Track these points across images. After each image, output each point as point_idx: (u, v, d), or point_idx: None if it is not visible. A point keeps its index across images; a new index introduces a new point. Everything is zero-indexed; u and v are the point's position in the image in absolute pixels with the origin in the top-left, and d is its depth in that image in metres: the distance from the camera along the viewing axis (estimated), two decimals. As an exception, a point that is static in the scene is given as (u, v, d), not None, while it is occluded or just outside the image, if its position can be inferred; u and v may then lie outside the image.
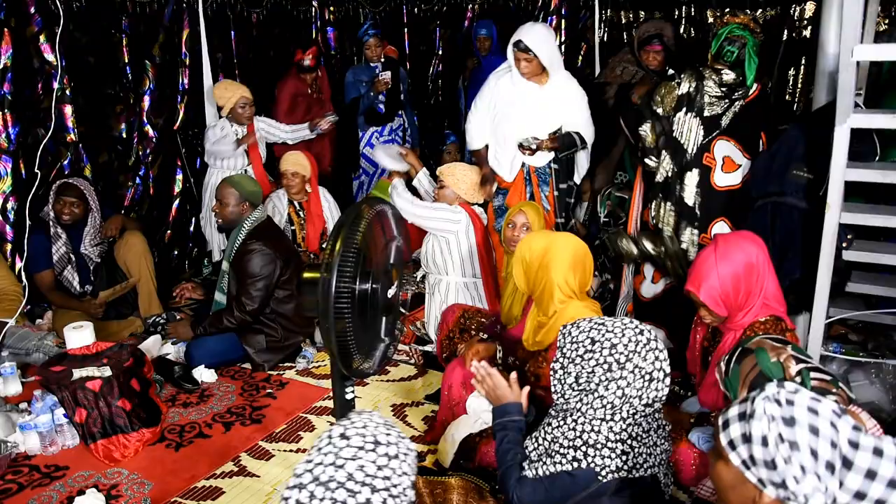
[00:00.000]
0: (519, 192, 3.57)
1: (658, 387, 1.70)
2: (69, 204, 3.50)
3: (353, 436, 1.19)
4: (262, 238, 3.24)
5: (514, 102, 3.45)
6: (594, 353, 1.72)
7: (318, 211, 4.10)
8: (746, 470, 1.13)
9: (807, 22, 4.35)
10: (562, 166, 3.57)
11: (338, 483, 1.13)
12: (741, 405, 1.16)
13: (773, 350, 1.76)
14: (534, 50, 3.28)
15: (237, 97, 4.12)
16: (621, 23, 5.05)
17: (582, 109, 3.50)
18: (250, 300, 3.20)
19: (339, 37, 5.90)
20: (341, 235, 1.93)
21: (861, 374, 2.57)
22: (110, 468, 2.52)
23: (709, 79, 2.77)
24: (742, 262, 2.11)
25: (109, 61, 4.23)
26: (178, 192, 4.64)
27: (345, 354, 1.99)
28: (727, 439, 1.15)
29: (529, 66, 3.33)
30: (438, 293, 3.46)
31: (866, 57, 2.33)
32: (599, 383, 1.70)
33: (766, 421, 1.10)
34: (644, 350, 1.69)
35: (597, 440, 1.69)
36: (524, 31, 3.32)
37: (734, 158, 2.81)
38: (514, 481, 1.80)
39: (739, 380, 1.77)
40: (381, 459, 1.18)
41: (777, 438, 1.08)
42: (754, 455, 1.11)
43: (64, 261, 3.61)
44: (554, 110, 3.45)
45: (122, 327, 3.62)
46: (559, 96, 3.44)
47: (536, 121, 3.44)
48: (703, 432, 2.12)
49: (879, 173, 2.35)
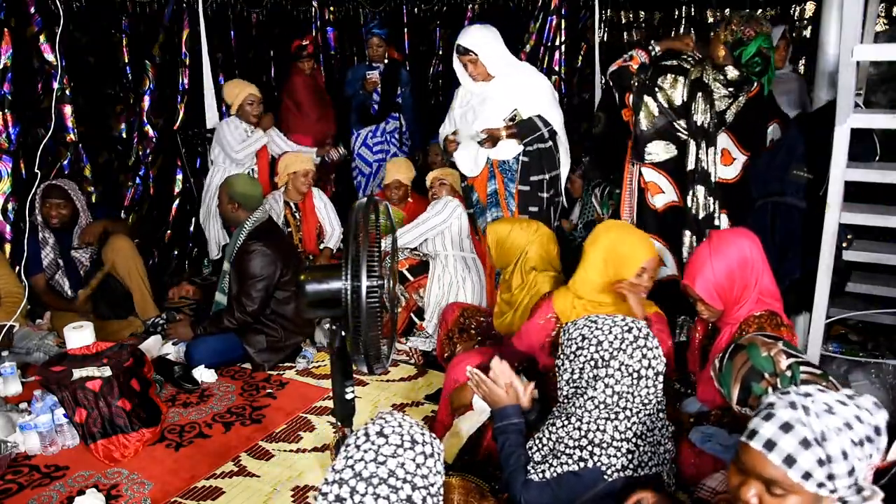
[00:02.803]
0: (483, 189, 3.43)
1: (647, 384, 1.69)
2: (56, 206, 3.48)
3: (391, 434, 1.22)
4: (262, 239, 3.24)
5: (466, 104, 3.39)
6: (583, 349, 1.73)
7: (313, 212, 4.11)
8: (821, 489, 1.14)
9: (807, 22, 4.36)
10: (533, 159, 3.34)
11: (380, 479, 1.15)
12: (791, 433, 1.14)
13: (764, 345, 1.80)
14: (473, 50, 3.19)
15: (245, 94, 4.15)
16: (621, 23, 5.05)
17: (540, 93, 3.30)
18: (250, 301, 3.20)
19: (339, 37, 5.90)
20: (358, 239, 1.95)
21: (861, 374, 2.57)
22: (110, 468, 2.51)
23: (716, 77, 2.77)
24: (735, 255, 2.14)
25: (109, 61, 4.23)
26: (178, 192, 4.64)
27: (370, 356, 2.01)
28: (801, 473, 1.13)
29: (476, 67, 3.24)
30: (440, 265, 3.56)
31: (866, 57, 2.34)
32: (588, 381, 1.71)
33: (836, 435, 1.12)
34: (630, 347, 1.69)
35: (602, 439, 1.69)
36: (461, 34, 3.28)
37: (731, 151, 2.83)
38: (521, 485, 1.79)
39: (732, 375, 1.81)
40: (419, 458, 1.20)
41: (852, 446, 1.12)
42: (835, 472, 1.13)
43: (53, 266, 3.59)
44: (503, 97, 3.28)
45: (122, 327, 3.61)
46: (509, 84, 3.28)
47: (487, 113, 3.29)
48: (703, 432, 2.11)
49: (879, 173, 2.35)
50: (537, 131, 3.27)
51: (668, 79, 2.79)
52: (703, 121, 2.73)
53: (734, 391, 1.79)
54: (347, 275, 1.95)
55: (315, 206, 4.15)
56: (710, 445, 2.04)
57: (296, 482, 2.44)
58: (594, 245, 2.45)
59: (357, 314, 1.93)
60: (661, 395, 1.80)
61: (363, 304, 1.90)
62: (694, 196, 2.79)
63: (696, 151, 2.76)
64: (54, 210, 3.48)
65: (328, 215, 4.20)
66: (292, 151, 4.37)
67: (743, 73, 2.71)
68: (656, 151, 2.86)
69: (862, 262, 2.55)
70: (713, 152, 2.76)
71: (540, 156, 3.33)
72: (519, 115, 3.27)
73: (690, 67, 2.80)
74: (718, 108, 2.75)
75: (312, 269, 2.39)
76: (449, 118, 3.52)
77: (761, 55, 2.65)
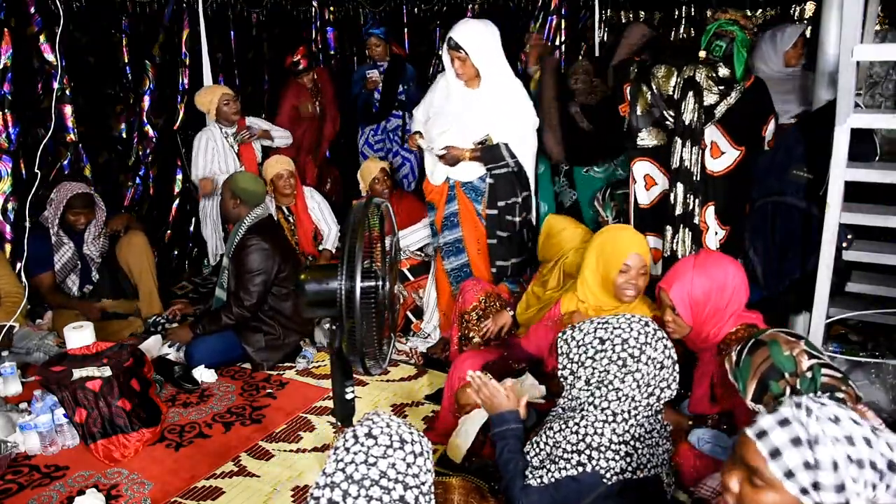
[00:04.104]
0: (441, 208, 3.26)
1: (667, 374, 1.75)
2: (84, 214, 3.57)
3: (380, 435, 1.22)
4: (261, 234, 3.25)
5: (444, 106, 3.14)
6: (605, 351, 1.75)
7: (307, 213, 4.10)
8: (804, 496, 1.09)
9: (807, 22, 4.35)
10: (500, 181, 3.11)
11: (372, 481, 1.16)
12: (786, 429, 1.12)
13: (787, 343, 1.75)
14: (465, 48, 2.94)
15: (218, 96, 4.06)
16: (621, 23, 5.04)
17: (515, 118, 3.06)
18: (248, 295, 3.21)
19: (339, 37, 5.90)
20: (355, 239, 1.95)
21: (861, 374, 2.57)
22: (110, 468, 2.51)
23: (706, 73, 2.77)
24: (719, 277, 2.12)
25: (109, 61, 4.24)
26: (178, 192, 4.64)
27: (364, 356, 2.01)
28: (783, 469, 1.10)
29: (463, 66, 2.99)
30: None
31: (866, 57, 2.33)
32: (614, 380, 1.73)
33: (831, 444, 1.08)
34: (654, 340, 1.75)
35: (600, 443, 1.69)
36: (456, 27, 3.01)
37: (720, 145, 2.83)
38: (520, 491, 1.79)
39: (750, 371, 1.75)
40: (409, 457, 1.21)
41: (846, 460, 1.07)
42: (821, 481, 1.08)
43: (68, 267, 3.63)
44: (481, 117, 3.05)
45: (122, 327, 3.62)
46: (491, 102, 3.04)
47: (460, 128, 3.07)
48: (702, 433, 2.12)
49: (879, 173, 2.35)
50: (501, 161, 3.06)
51: (661, 69, 2.81)
52: (690, 119, 2.74)
53: (750, 387, 1.73)
54: (342, 275, 1.95)
55: (308, 206, 4.11)
56: (710, 447, 2.04)
57: (296, 482, 2.44)
58: (590, 246, 2.48)
59: (351, 315, 1.92)
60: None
61: (357, 306, 1.90)
62: (675, 192, 2.80)
63: (681, 150, 2.76)
64: (83, 217, 3.58)
65: (323, 216, 4.17)
66: (279, 136, 4.37)
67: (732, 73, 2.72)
68: (647, 137, 2.88)
69: (862, 262, 2.55)
70: (697, 151, 2.76)
71: (509, 178, 3.12)
72: (490, 139, 3.07)
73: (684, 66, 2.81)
74: (707, 102, 2.76)
75: (312, 269, 2.39)
76: (423, 105, 3.30)
77: (720, 36, 2.66)
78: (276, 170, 3.95)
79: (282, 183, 3.95)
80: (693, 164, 2.75)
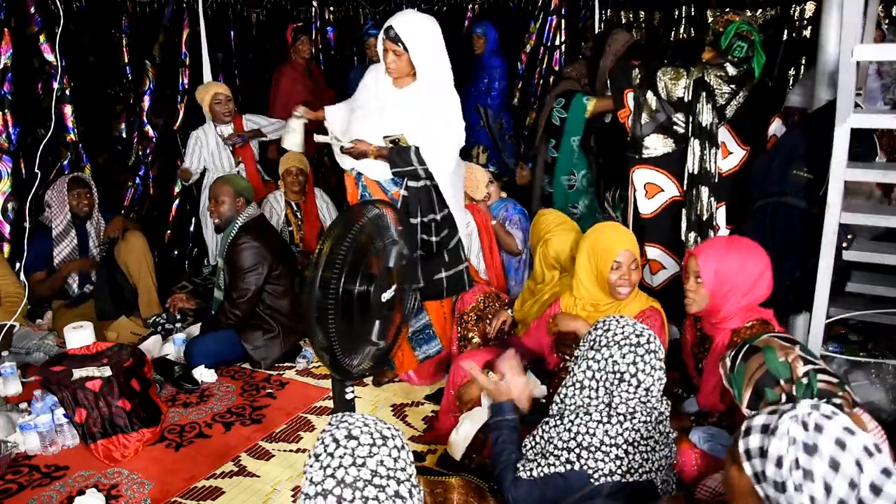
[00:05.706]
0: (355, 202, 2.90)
1: (628, 389, 1.73)
2: (84, 194, 3.64)
3: (361, 434, 1.20)
4: (252, 233, 3.26)
5: (366, 100, 2.81)
6: (592, 349, 1.80)
7: (315, 212, 4.11)
8: (757, 483, 1.10)
9: (807, 22, 4.35)
10: (413, 195, 2.78)
11: (365, 481, 1.14)
12: (768, 416, 1.13)
13: (782, 349, 1.74)
14: (405, 41, 2.58)
15: (210, 94, 4.05)
16: (621, 23, 5.04)
17: (437, 124, 2.69)
18: (240, 294, 3.23)
19: (339, 37, 5.90)
20: (332, 235, 1.93)
21: (861, 374, 2.57)
22: (110, 468, 2.52)
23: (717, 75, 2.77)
24: (749, 262, 2.15)
25: (109, 61, 4.24)
26: (178, 192, 4.64)
27: (329, 353, 1.99)
28: (745, 447, 1.13)
29: (397, 61, 2.62)
30: None
31: (866, 57, 2.33)
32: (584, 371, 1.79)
33: (787, 442, 1.06)
34: (626, 347, 1.75)
35: (591, 443, 1.70)
36: (399, 15, 2.64)
37: (728, 145, 2.84)
38: (510, 482, 1.82)
39: (745, 378, 1.75)
40: (394, 452, 1.20)
41: (793, 463, 1.05)
42: (766, 472, 1.08)
43: (70, 260, 3.64)
44: (396, 114, 2.71)
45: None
46: (416, 101, 2.70)
47: (375, 123, 2.74)
48: (703, 432, 2.12)
49: (879, 173, 2.35)
50: (409, 166, 2.70)
51: (669, 72, 2.80)
52: (707, 121, 2.74)
53: (745, 394, 1.73)
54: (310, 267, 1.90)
55: (318, 206, 4.14)
56: (711, 445, 2.04)
57: (296, 482, 2.44)
58: (580, 247, 2.49)
59: (308, 305, 1.85)
60: (666, 405, 1.81)
61: (314, 297, 1.85)
62: (698, 196, 2.79)
63: (700, 152, 2.76)
64: (85, 199, 3.65)
65: (331, 215, 4.19)
66: (272, 128, 4.31)
67: (743, 68, 2.72)
68: (654, 146, 2.87)
69: (862, 262, 2.55)
70: (714, 152, 2.77)
71: (421, 194, 2.80)
72: (404, 139, 2.72)
73: (692, 67, 2.81)
74: (718, 103, 2.76)
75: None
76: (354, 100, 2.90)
77: (742, 38, 2.68)
78: (286, 165, 3.96)
79: (290, 179, 3.96)
80: (712, 165, 2.77)
